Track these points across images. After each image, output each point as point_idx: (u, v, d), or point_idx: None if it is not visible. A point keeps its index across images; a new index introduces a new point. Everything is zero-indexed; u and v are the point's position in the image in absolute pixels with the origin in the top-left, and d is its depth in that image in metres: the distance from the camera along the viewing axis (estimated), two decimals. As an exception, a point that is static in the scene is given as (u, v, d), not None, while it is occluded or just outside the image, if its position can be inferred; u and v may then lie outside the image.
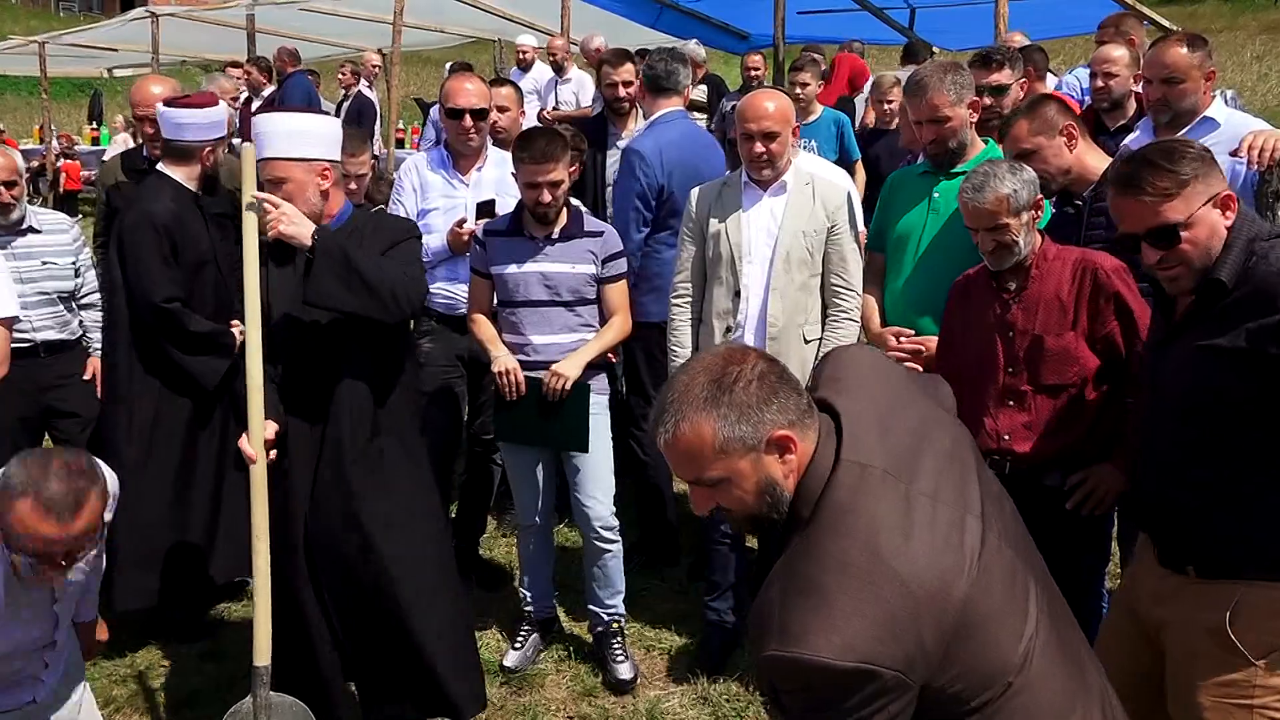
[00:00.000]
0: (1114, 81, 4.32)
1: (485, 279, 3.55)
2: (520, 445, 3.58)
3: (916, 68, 3.56)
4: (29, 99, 24.77)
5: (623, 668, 3.59)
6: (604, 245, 3.50)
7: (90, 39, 16.04)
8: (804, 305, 3.42)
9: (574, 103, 8.52)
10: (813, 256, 3.41)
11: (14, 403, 3.63)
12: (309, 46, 13.34)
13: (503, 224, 3.55)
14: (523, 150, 3.35)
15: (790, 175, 3.45)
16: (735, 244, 3.43)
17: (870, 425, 1.66)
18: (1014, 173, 2.79)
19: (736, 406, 1.59)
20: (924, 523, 1.56)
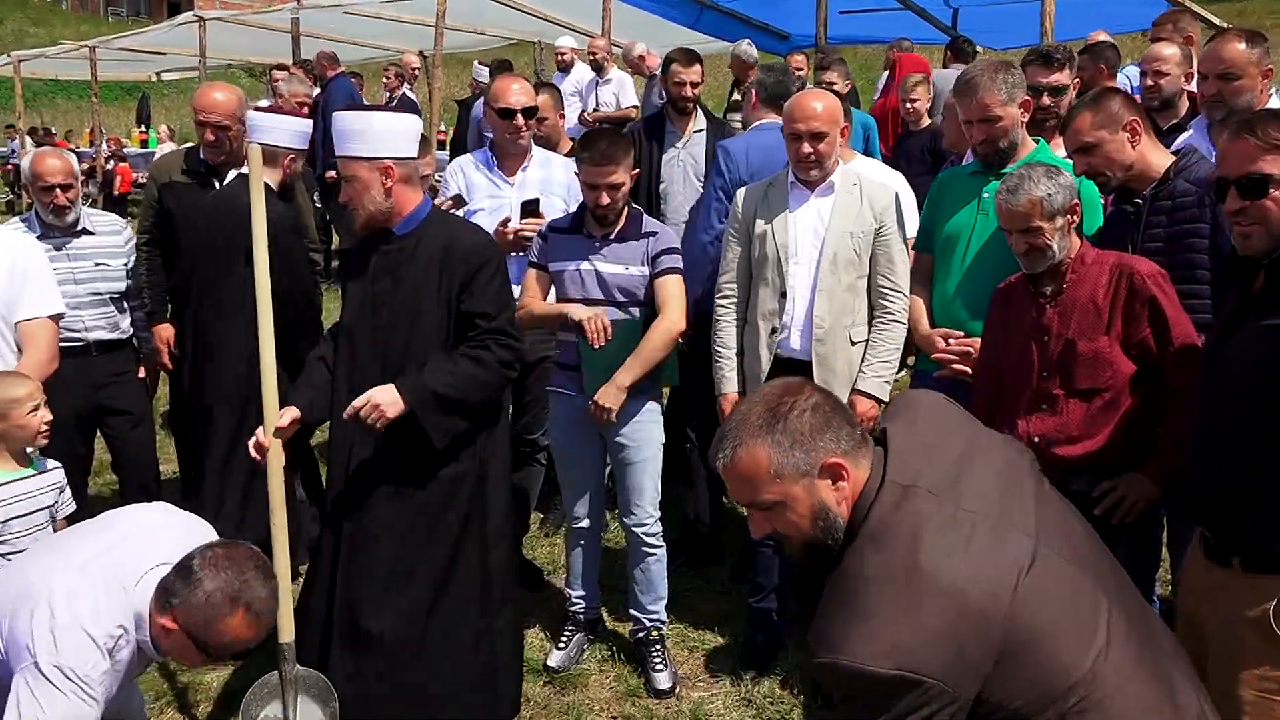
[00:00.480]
0: (1164, 80, 4.23)
1: (544, 272, 3.55)
2: (573, 444, 3.57)
3: (966, 67, 3.51)
4: (79, 102, 25.29)
5: (661, 676, 3.57)
6: (656, 244, 3.47)
7: (139, 43, 16.38)
8: (851, 306, 3.39)
9: (614, 104, 8.53)
10: (860, 257, 3.38)
11: (67, 401, 3.67)
12: (352, 50, 13.50)
13: (566, 221, 3.57)
14: (584, 150, 3.36)
15: (838, 176, 3.43)
16: (781, 244, 3.41)
17: (915, 449, 1.74)
18: (1050, 176, 2.76)
19: (790, 434, 1.69)
20: (967, 538, 1.61)
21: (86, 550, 2.37)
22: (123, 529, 2.50)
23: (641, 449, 3.52)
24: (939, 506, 1.64)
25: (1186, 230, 2.83)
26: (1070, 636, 1.59)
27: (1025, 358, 2.84)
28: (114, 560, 2.33)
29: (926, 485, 1.67)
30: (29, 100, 20.99)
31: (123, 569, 2.32)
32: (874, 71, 17.64)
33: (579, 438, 3.57)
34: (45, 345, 3.29)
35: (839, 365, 3.39)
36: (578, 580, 3.75)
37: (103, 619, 2.22)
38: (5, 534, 2.84)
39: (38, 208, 3.92)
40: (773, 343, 3.43)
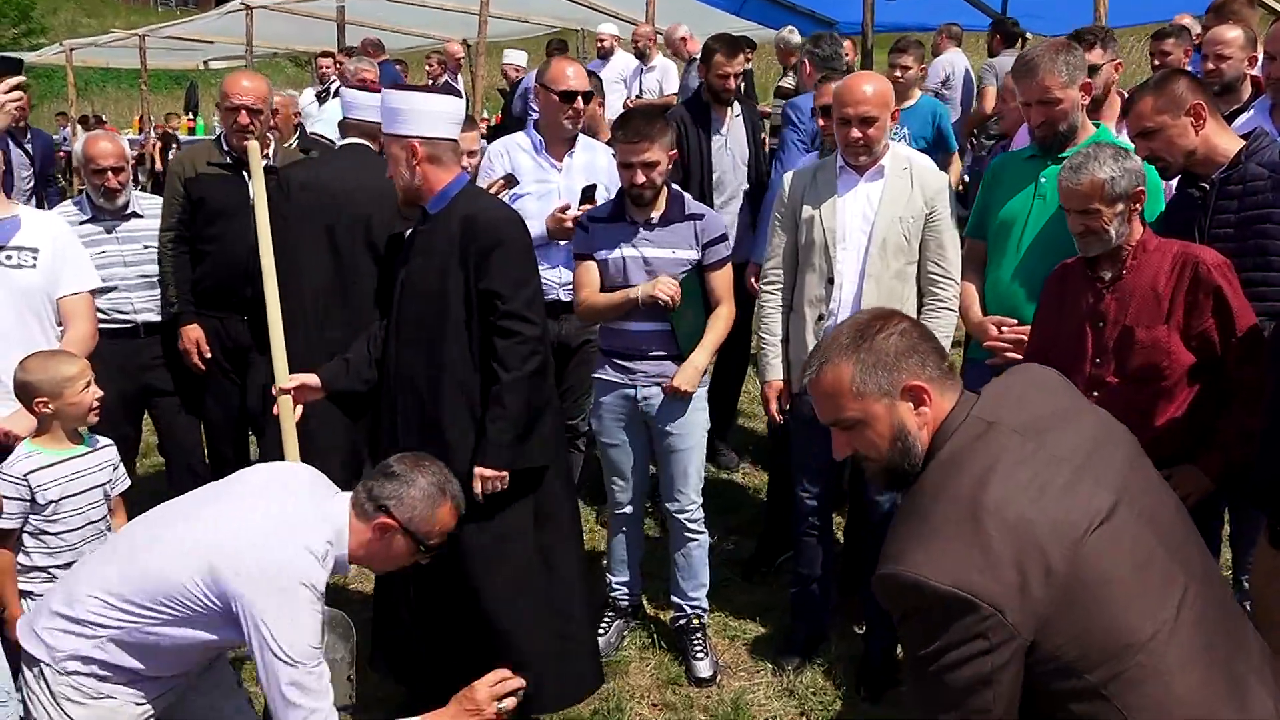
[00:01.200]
0: (1226, 64, 4.10)
1: (591, 261, 3.51)
2: (618, 431, 3.54)
3: (1026, 48, 3.42)
4: (129, 91, 25.69)
5: (702, 664, 3.55)
6: (705, 229, 3.43)
7: (187, 32, 16.54)
8: (899, 293, 3.32)
9: (657, 90, 8.49)
10: (909, 243, 3.30)
11: (116, 382, 3.72)
12: (396, 38, 13.55)
13: (605, 209, 3.53)
14: (620, 129, 3.34)
15: (888, 159, 3.35)
16: (829, 230, 3.34)
17: (1010, 397, 1.77)
18: (1117, 159, 2.68)
19: (875, 353, 1.76)
20: (1041, 477, 1.62)
21: (244, 499, 2.42)
22: (256, 480, 2.54)
23: (687, 436, 3.49)
24: (1020, 444, 1.66)
25: (1259, 215, 2.73)
26: (1135, 599, 1.56)
27: (1079, 343, 2.77)
28: (277, 500, 2.40)
29: (1012, 425, 1.69)
30: (80, 89, 21.35)
31: (292, 503, 2.41)
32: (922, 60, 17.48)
33: (624, 424, 3.54)
34: (88, 319, 3.39)
35: None
36: (620, 566, 3.73)
37: (313, 537, 2.31)
38: (59, 513, 2.87)
39: (89, 190, 3.97)
40: (819, 330, 3.36)
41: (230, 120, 4.04)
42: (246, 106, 3.99)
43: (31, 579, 2.83)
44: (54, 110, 21.29)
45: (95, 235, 3.92)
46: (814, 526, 3.55)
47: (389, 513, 2.38)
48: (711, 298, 3.48)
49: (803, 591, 3.63)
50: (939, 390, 1.75)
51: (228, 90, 4.03)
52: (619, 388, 3.51)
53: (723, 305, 3.49)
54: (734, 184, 4.76)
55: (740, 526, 4.62)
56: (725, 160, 4.77)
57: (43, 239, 3.26)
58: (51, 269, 3.27)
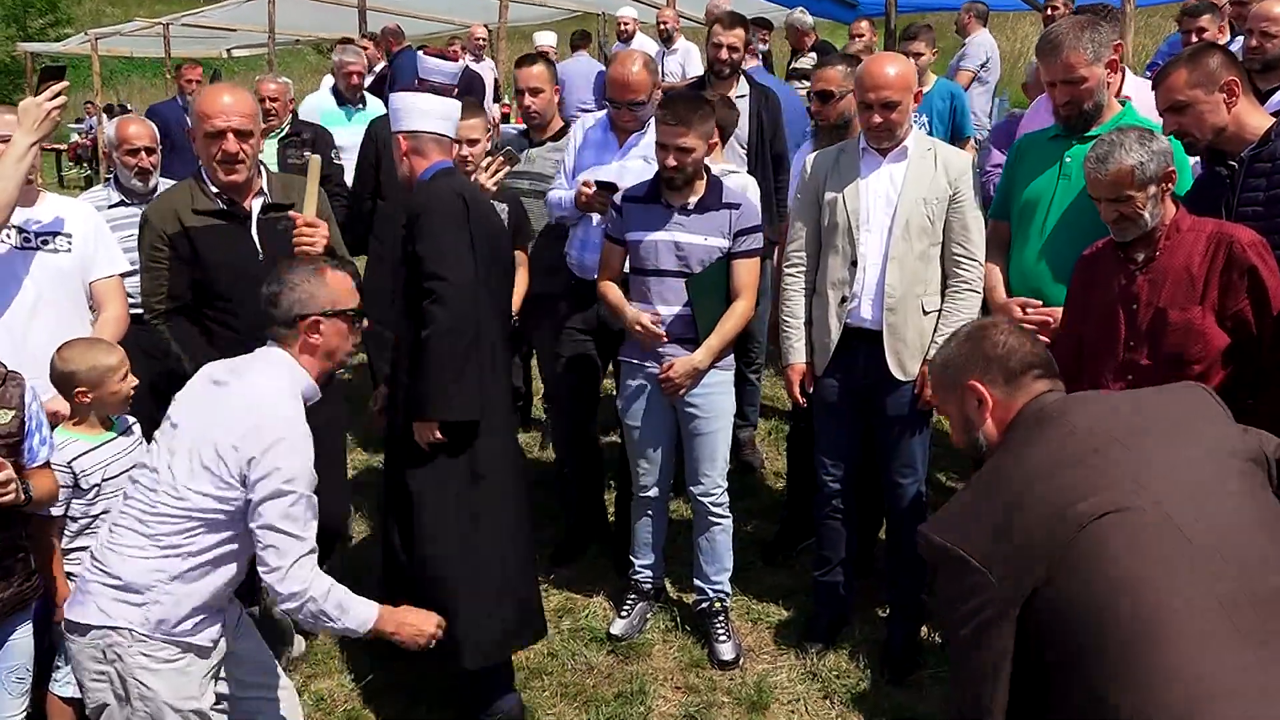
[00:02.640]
0: (1272, 43, 3.86)
1: (620, 245, 3.51)
2: (644, 413, 3.55)
3: (1051, 25, 3.36)
4: (154, 80, 25.85)
5: (725, 647, 3.56)
6: (740, 218, 3.40)
7: (210, 20, 16.62)
8: (923, 275, 3.29)
9: (680, 73, 8.44)
10: (933, 225, 3.27)
11: (144, 367, 3.75)
12: (416, 24, 13.55)
13: (641, 190, 3.51)
14: (662, 110, 3.34)
15: (911, 141, 3.31)
16: (852, 211, 3.31)
17: (1104, 405, 1.89)
18: (1143, 143, 2.63)
19: (947, 355, 2.10)
20: (1069, 460, 1.73)
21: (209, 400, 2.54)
22: (200, 386, 2.62)
23: (713, 420, 3.49)
24: (1068, 434, 1.79)
25: None
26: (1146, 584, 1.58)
27: (1111, 327, 2.73)
28: (235, 383, 2.54)
29: (1076, 422, 1.81)
30: (105, 78, 21.49)
31: (245, 377, 2.56)
32: (944, 41, 17.24)
33: (650, 407, 3.54)
34: (121, 301, 3.45)
35: (910, 335, 3.31)
36: (644, 549, 3.74)
37: (280, 385, 2.51)
38: (100, 495, 2.93)
39: (119, 173, 4.01)
40: (843, 312, 3.35)
41: (214, 150, 3.14)
42: (233, 129, 3.14)
43: (75, 561, 2.87)
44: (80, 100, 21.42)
45: (125, 219, 3.95)
46: (837, 510, 3.54)
47: (303, 317, 2.55)
48: (733, 287, 3.45)
49: (825, 575, 3.62)
50: (1003, 392, 1.98)
51: (205, 111, 3.15)
52: (643, 370, 3.51)
53: (741, 299, 3.44)
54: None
55: (761, 510, 4.61)
56: None
57: (76, 224, 3.31)
58: (85, 253, 3.32)
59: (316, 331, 2.56)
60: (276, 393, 2.48)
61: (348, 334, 2.64)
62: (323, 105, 6.46)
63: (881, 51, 3.72)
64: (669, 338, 3.42)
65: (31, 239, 3.21)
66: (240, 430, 2.39)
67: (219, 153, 3.15)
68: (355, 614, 2.47)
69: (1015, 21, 14.67)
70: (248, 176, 3.24)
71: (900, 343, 3.31)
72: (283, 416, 2.43)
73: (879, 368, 3.31)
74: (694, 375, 3.42)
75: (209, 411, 2.48)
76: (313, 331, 2.56)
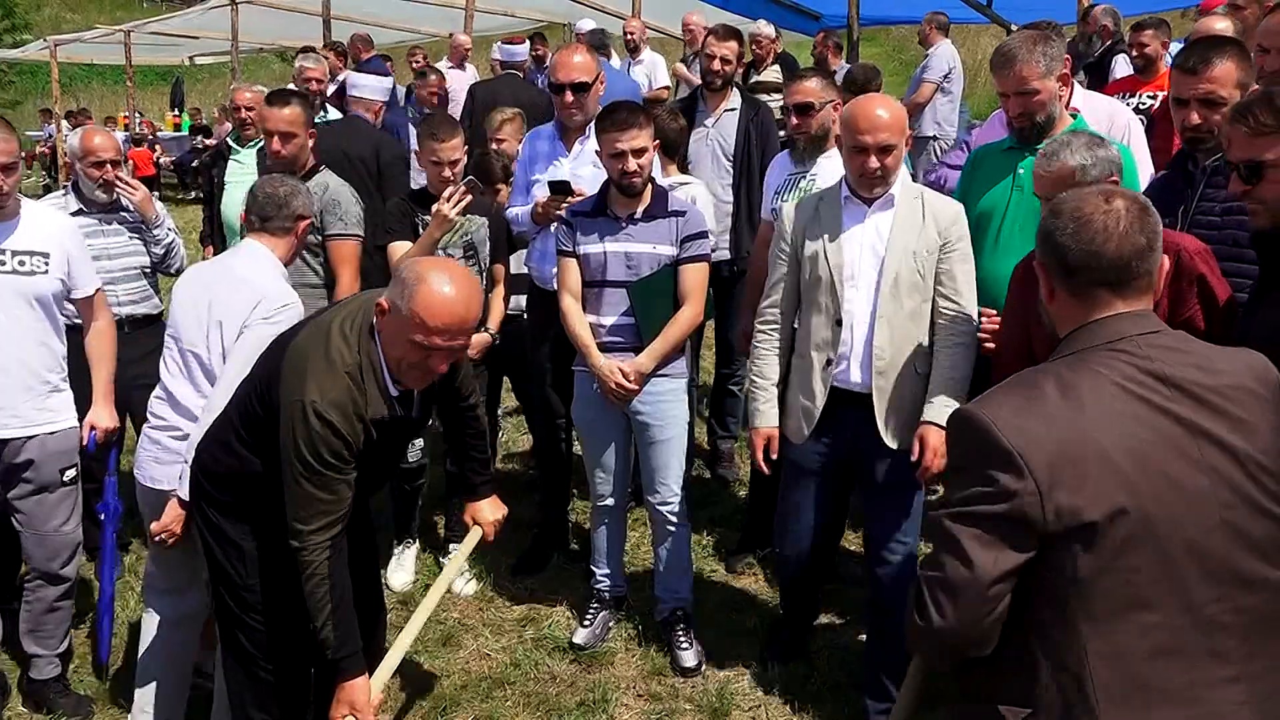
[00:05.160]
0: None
1: (574, 258, 3.49)
2: (599, 422, 3.55)
3: (1004, 39, 3.40)
4: (115, 87, 25.53)
5: (687, 655, 3.56)
6: (685, 225, 3.41)
7: (172, 28, 16.49)
8: (914, 335, 3.04)
9: (647, 84, 8.48)
10: (924, 280, 3.02)
11: (129, 376, 3.74)
12: (382, 32, 13.52)
13: (588, 204, 3.51)
14: (603, 120, 3.34)
15: (899, 188, 3.08)
16: (835, 266, 3.06)
17: (1180, 344, 1.76)
18: (1090, 148, 2.67)
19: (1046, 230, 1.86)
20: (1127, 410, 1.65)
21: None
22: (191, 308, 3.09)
23: (666, 427, 3.50)
24: (1124, 367, 1.68)
25: (1240, 208, 2.64)
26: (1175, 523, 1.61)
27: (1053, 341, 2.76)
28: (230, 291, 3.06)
29: (1122, 348, 1.71)
30: (65, 85, 21.21)
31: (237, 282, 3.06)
32: (906, 53, 17.47)
33: (605, 416, 3.55)
34: (108, 311, 3.58)
35: (903, 401, 3.06)
36: (602, 559, 3.75)
37: (271, 275, 3.08)
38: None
39: (82, 184, 3.95)
40: (828, 375, 3.09)
41: (417, 358, 2.48)
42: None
43: None
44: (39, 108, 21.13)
45: (85, 228, 3.90)
46: (807, 585, 3.53)
47: (306, 215, 3.20)
48: (681, 293, 3.43)
49: (788, 585, 3.62)
50: (1070, 294, 1.79)
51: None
52: (595, 380, 3.50)
53: (688, 305, 3.42)
54: (711, 177, 4.71)
55: (724, 518, 4.63)
56: (703, 151, 4.75)
57: (51, 243, 3.30)
58: (65, 272, 3.33)
59: (300, 233, 3.17)
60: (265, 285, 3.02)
61: (301, 238, 3.24)
62: None
63: (870, 93, 3.46)
64: (616, 345, 3.41)
65: (7, 260, 3.20)
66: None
67: (421, 361, 2.47)
68: None
69: (975, 35, 14.89)
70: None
71: (892, 409, 3.06)
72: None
73: (870, 434, 3.06)
74: (639, 379, 3.40)
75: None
76: (299, 233, 3.17)
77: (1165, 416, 1.65)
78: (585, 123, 3.94)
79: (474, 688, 3.48)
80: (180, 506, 2.90)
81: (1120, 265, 1.74)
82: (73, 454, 3.36)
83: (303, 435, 2.39)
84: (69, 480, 3.33)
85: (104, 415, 3.48)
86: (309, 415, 2.38)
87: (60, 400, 3.35)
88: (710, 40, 4.73)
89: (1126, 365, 1.69)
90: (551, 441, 4.24)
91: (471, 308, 2.43)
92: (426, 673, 3.57)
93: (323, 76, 6.70)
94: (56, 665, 3.43)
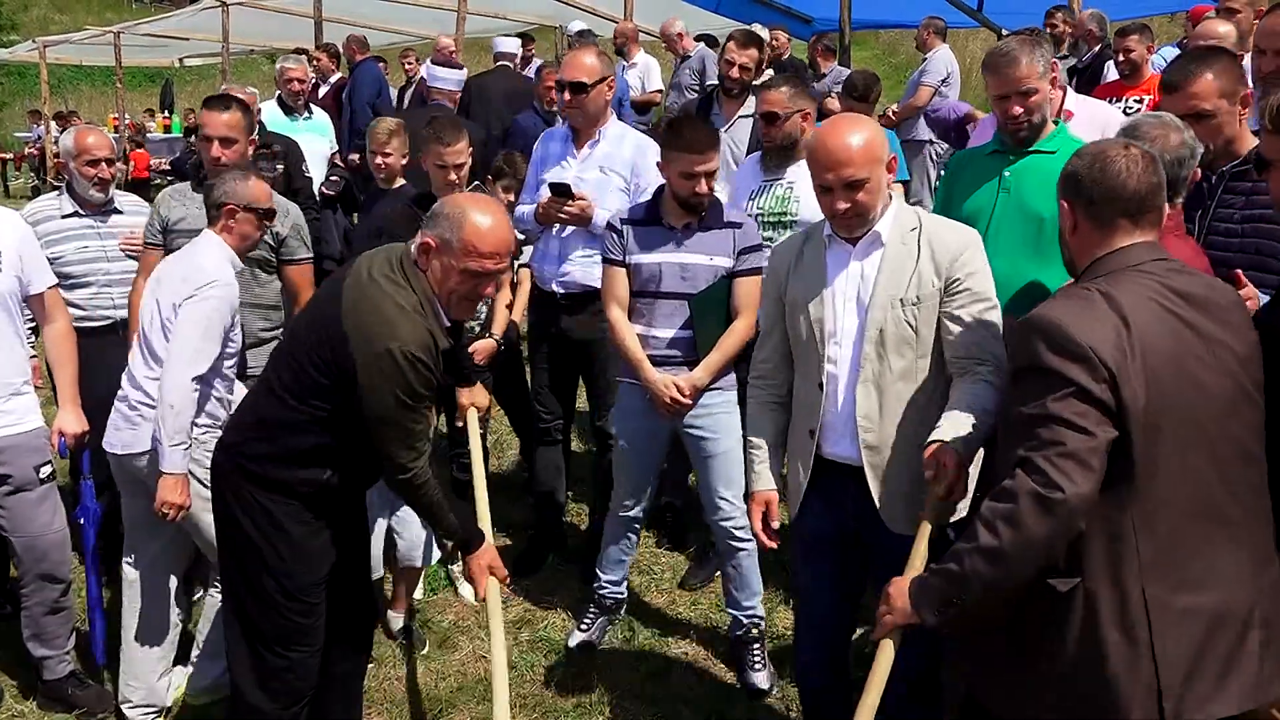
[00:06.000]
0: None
1: (622, 268, 3.41)
2: (641, 435, 3.48)
3: (998, 43, 3.40)
4: (103, 89, 25.45)
5: (759, 676, 3.45)
6: (742, 237, 3.33)
7: (162, 29, 16.43)
8: (905, 396, 2.55)
9: (640, 87, 8.49)
10: (918, 332, 2.52)
11: (101, 380, 3.61)
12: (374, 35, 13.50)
13: (640, 212, 3.44)
14: (677, 138, 3.26)
15: (888, 223, 2.57)
16: (816, 320, 2.62)
17: (1185, 272, 2.04)
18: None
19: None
20: (1159, 318, 1.94)
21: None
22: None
23: (722, 439, 3.40)
24: (1152, 288, 1.96)
25: (1262, 215, 2.67)
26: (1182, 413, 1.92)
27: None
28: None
29: (1146, 269, 1.99)
30: (54, 86, 21.14)
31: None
32: (897, 57, 17.50)
33: (649, 429, 3.47)
34: (66, 313, 3.48)
35: (901, 479, 2.53)
36: (613, 567, 3.67)
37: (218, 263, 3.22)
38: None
39: (76, 184, 3.92)
40: (812, 444, 2.67)
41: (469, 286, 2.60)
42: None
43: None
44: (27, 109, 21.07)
45: (78, 230, 3.90)
46: (830, 695, 2.87)
47: (227, 201, 3.25)
48: (734, 306, 3.34)
49: (808, 700, 2.97)
50: (1093, 225, 2.07)
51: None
52: (643, 392, 3.40)
53: (742, 318, 3.32)
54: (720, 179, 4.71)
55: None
56: None
57: (5, 239, 3.25)
58: (19, 268, 3.27)
59: (232, 218, 3.25)
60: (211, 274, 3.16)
61: (255, 227, 3.32)
62: (271, 116, 6.46)
63: (837, 115, 3.01)
64: (671, 359, 3.34)
65: None
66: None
67: (472, 290, 2.59)
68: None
69: (965, 39, 14.94)
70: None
71: (890, 489, 2.56)
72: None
73: (872, 512, 2.59)
74: (694, 394, 3.32)
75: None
76: (230, 215, 3.25)
77: (1186, 325, 1.95)
78: (591, 124, 3.94)
79: (470, 690, 3.48)
80: (172, 481, 3.02)
81: (1140, 198, 2.03)
82: (45, 452, 3.31)
83: (397, 379, 2.48)
84: (45, 477, 3.28)
85: (71, 420, 3.40)
86: (399, 359, 2.46)
87: (23, 403, 3.28)
88: (730, 47, 4.73)
89: (1153, 282, 1.97)
90: (543, 442, 4.25)
91: (508, 228, 2.64)
92: (423, 675, 3.58)
93: (304, 77, 6.73)
94: (68, 663, 3.42)
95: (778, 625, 3.74)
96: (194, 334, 3.06)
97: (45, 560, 3.30)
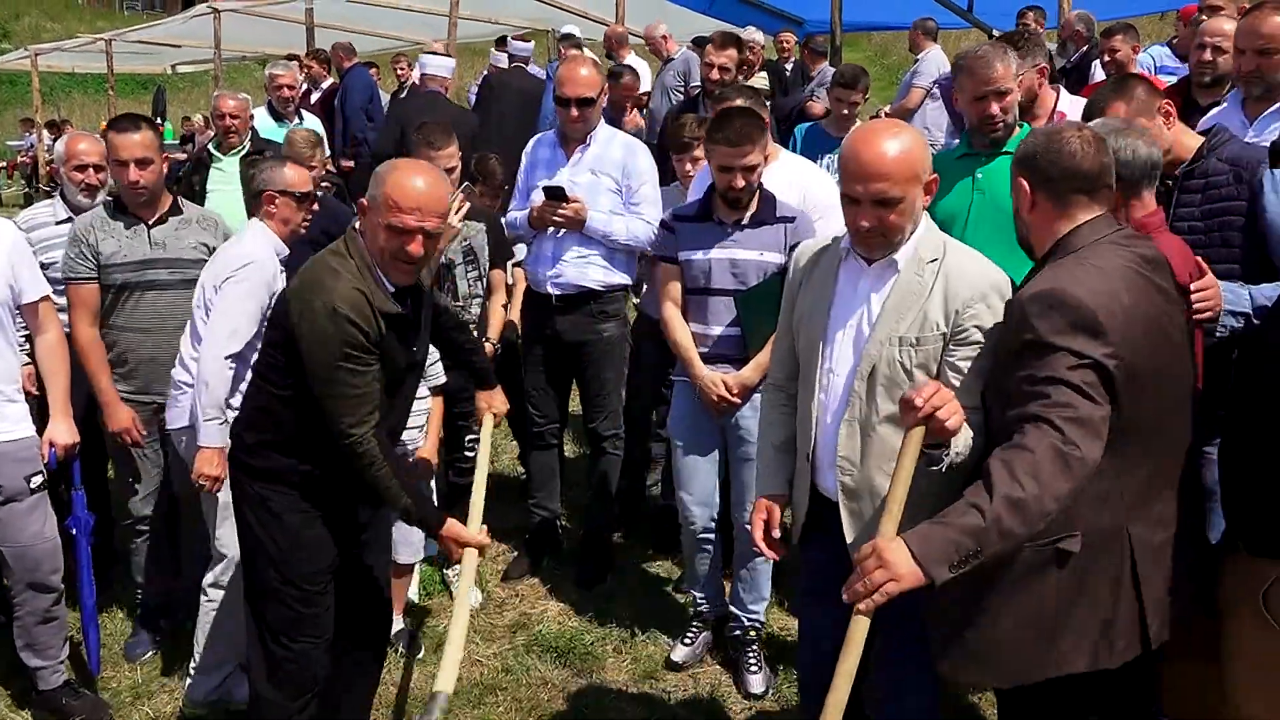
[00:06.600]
0: (1224, 58, 3.78)
1: (674, 265, 3.38)
2: (697, 439, 3.44)
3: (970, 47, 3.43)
4: (96, 96, 25.41)
5: (755, 678, 3.46)
6: (795, 232, 3.25)
7: (154, 36, 16.42)
8: (893, 446, 2.23)
9: (631, 91, 8.49)
10: (912, 375, 2.30)
11: (81, 400, 3.62)
12: (366, 40, 13.51)
13: (692, 209, 3.42)
14: (718, 132, 3.21)
15: (908, 250, 2.33)
16: (813, 342, 2.45)
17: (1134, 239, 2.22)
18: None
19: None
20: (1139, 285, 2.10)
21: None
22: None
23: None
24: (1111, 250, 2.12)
25: (1222, 208, 2.77)
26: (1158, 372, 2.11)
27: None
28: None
29: (1113, 240, 2.14)
30: (46, 94, 21.10)
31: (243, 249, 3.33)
32: (889, 58, 17.54)
33: (702, 430, 3.44)
34: (58, 323, 3.42)
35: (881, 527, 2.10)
36: (700, 582, 3.61)
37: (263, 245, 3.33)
38: None
39: (67, 190, 3.94)
40: (808, 469, 2.50)
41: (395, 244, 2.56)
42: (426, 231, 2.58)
43: None
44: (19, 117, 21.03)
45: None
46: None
47: (265, 188, 3.33)
48: None
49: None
50: (1052, 202, 2.18)
51: (397, 201, 2.53)
52: (695, 391, 3.36)
53: None
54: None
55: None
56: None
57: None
58: (11, 277, 3.24)
59: (273, 203, 3.33)
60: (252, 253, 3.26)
61: (297, 211, 3.38)
62: (262, 122, 6.46)
63: (872, 120, 3.05)
64: (722, 356, 3.30)
65: None
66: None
67: (399, 249, 2.55)
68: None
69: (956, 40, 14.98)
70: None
71: (861, 540, 2.28)
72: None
73: None
74: (742, 392, 3.27)
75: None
76: (270, 201, 3.33)
77: (1156, 289, 2.12)
78: (588, 132, 3.97)
79: (465, 694, 3.48)
80: (209, 454, 3.12)
81: (1094, 175, 2.16)
82: (36, 462, 3.26)
83: (326, 333, 2.50)
84: (36, 487, 3.25)
85: (63, 431, 3.33)
86: (324, 315, 2.49)
87: (14, 411, 3.24)
88: (709, 49, 4.77)
89: (1126, 252, 2.12)
90: (537, 446, 4.25)
91: (437, 188, 2.59)
92: (418, 679, 3.57)
93: (294, 83, 6.76)
94: (61, 673, 3.39)
95: (773, 627, 3.74)
96: (231, 313, 3.15)
97: (37, 570, 3.27)
